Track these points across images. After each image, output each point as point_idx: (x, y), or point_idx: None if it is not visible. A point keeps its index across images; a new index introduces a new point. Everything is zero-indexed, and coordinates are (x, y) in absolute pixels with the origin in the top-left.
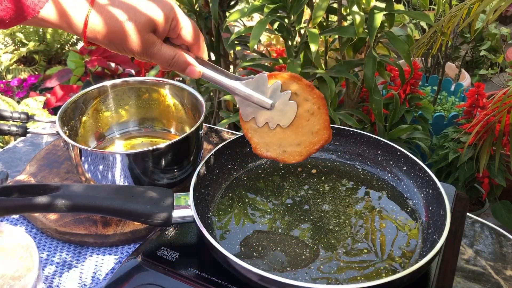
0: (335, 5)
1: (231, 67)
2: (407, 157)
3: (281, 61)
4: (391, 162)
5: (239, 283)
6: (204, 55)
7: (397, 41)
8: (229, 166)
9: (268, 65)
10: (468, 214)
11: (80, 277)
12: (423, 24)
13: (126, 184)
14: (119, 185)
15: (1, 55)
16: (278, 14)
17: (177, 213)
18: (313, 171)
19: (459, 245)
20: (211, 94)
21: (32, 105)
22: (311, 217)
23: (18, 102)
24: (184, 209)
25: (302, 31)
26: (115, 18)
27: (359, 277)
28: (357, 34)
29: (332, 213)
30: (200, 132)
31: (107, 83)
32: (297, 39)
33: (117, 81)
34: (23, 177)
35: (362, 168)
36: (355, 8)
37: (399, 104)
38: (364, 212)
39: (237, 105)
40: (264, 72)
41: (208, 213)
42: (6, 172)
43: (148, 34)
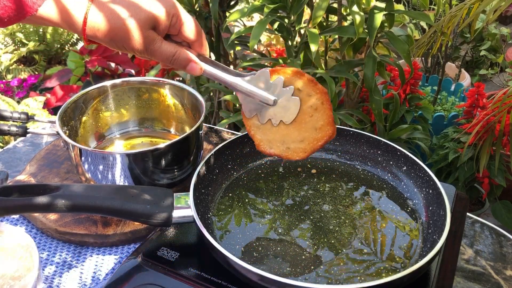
0: (335, 5)
1: (231, 67)
2: (407, 157)
3: (281, 61)
4: (391, 162)
5: (239, 283)
6: (206, 52)
7: (397, 41)
8: (229, 166)
9: (268, 65)
10: (468, 214)
11: (80, 277)
12: (423, 24)
13: (126, 184)
14: (119, 185)
15: (1, 55)
16: (278, 14)
17: (177, 213)
18: (313, 171)
19: (459, 245)
20: (211, 94)
21: (32, 105)
22: (311, 217)
23: (18, 102)
24: (184, 209)
25: (302, 31)
26: (115, 15)
27: (359, 277)
28: (357, 34)
29: (332, 213)
30: (200, 132)
31: (107, 83)
32: (297, 39)
33: (117, 81)
34: (23, 177)
35: (362, 168)
36: (355, 8)
37: (399, 104)
38: (364, 212)
39: (239, 102)
40: (267, 68)
41: (208, 213)
42: (6, 172)
43: (149, 31)
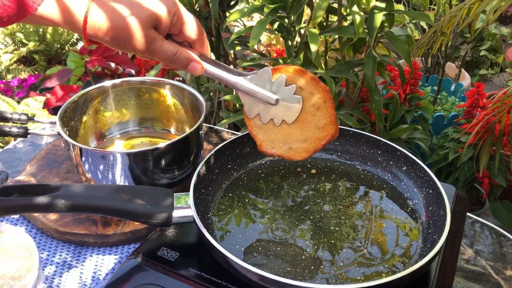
0: (335, 5)
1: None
2: (407, 157)
3: (281, 61)
4: (391, 162)
5: (239, 283)
6: (207, 52)
7: (397, 41)
8: (229, 166)
9: (268, 65)
10: (468, 214)
11: (80, 277)
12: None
13: (126, 184)
14: (119, 185)
15: (1, 55)
16: (278, 14)
17: (177, 213)
18: (313, 171)
19: (459, 245)
20: (211, 94)
21: (32, 105)
22: (311, 217)
23: (18, 102)
24: (184, 209)
25: (302, 31)
26: (116, 14)
27: (359, 277)
28: (357, 34)
29: (332, 213)
30: (200, 132)
31: (107, 83)
32: (297, 39)
33: (117, 81)
34: (23, 177)
35: (362, 168)
36: (355, 8)
37: (399, 104)
38: (364, 212)
39: (240, 102)
40: (268, 67)
41: (208, 213)
42: (6, 172)
43: (150, 30)
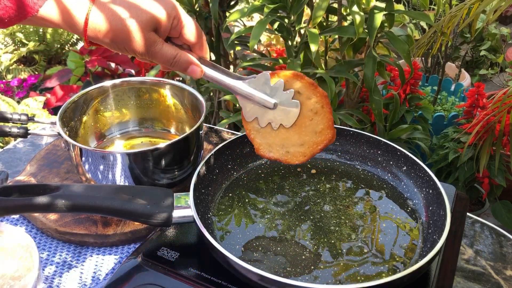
0: (335, 5)
1: (231, 67)
2: (407, 157)
3: (281, 61)
4: (391, 162)
5: (239, 283)
6: (207, 55)
7: (397, 41)
8: (229, 166)
9: (268, 65)
10: (468, 214)
11: (80, 277)
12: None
13: (126, 184)
14: (119, 185)
15: (1, 55)
16: (278, 14)
17: (177, 213)
18: (313, 171)
19: (459, 245)
20: (211, 94)
21: (32, 105)
22: (312, 217)
23: (18, 102)
24: (184, 209)
25: (302, 31)
26: (117, 16)
27: (359, 277)
28: (357, 34)
29: (332, 213)
30: (200, 132)
31: (107, 83)
32: (297, 39)
33: (117, 81)
34: (23, 177)
35: (362, 168)
36: (355, 8)
37: (399, 104)
38: (364, 212)
39: (239, 105)
40: (267, 71)
41: (208, 213)
42: (6, 172)
43: (150, 33)
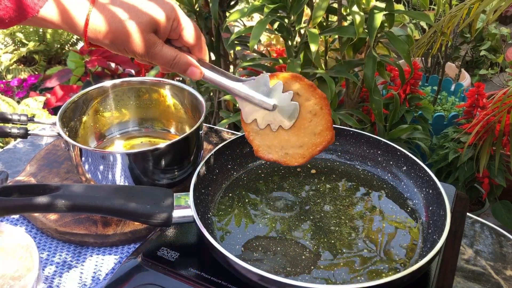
0: (335, 5)
1: (231, 67)
2: (407, 157)
3: (281, 61)
4: (391, 162)
5: (239, 283)
6: (206, 57)
7: (397, 41)
8: (229, 166)
9: (268, 65)
10: (468, 214)
11: (80, 277)
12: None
13: (126, 184)
14: (119, 185)
15: (1, 55)
16: (278, 14)
17: (177, 213)
18: (313, 171)
19: (459, 245)
20: (211, 94)
21: (32, 105)
22: (311, 217)
23: (18, 102)
24: (184, 209)
25: (302, 31)
26: (117, 18)
27: (359, 277)
28: (357, 34)
29: (332, 213)
30: (200, 132)
31: (107, 83)
32: (297, 39)
33: (117, 81)
34: (23, 177)
35: (362, 168)
36: (355, 8)
37: (399, 104)
38: (364, 212)
39: (239, 107)
40: (266, 73)
41: (208, 213)
42: (6, 172)
43: (150, 34)
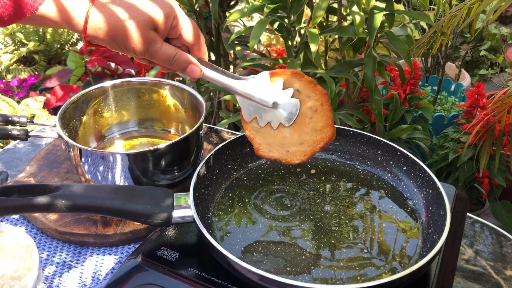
0: (335, 5)
1: (231, 67)
2: (407, 157)
3: (281, 61)
4: (391, 162)
5: (239, 283)
6: (205, 56)
7: (397, 41)
8: (229, 166)
9: (268, 65)
10: (468, 214)
11: (80, 277)
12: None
13: (126, 184)
14: (119, 185)
15: (1, 55)
16: (278, 14)
17: (177, 213)
18: (313, 171)
19: (459, 245)
20: (211, 94)
21: (32, 105)
22: (312, 217)
23: (18, 102)
24: (184, 209)
25: (302, 31)
26: (116, 16)
27: (359, 277)
28: (357, 34)
29: (332, 213)
30: (200, 132)
31: (107, 84)
32: (297, 39)
33: (117, 82)
34: (23, 177)
35: (362, 168)
36: (355, 8)
37: (399, 104)
38: (364, 212)
39: (239, 105)
40: (266, 71)
41: (208, 213)
42: (6, 172)
43: (149, 32)
